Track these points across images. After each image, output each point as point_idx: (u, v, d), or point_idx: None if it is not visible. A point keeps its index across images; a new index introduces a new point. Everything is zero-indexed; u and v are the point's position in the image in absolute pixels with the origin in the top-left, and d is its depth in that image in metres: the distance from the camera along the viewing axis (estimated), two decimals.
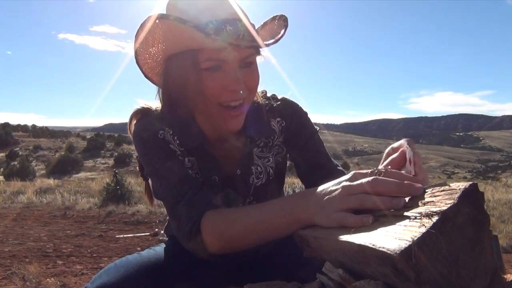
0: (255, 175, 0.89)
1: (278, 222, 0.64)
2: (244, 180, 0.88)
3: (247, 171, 0.88)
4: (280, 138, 0.92)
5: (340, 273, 0.53)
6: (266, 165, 0.91)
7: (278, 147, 0.93)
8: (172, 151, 0.83)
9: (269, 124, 0.90)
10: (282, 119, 0.90)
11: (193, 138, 0.84)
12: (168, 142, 0.84)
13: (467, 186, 0.45)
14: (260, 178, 0.90)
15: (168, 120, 0.85)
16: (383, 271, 0.45)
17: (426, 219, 0.43)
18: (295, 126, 0.91)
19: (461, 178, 58.63)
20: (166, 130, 0.85)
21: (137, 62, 0.80)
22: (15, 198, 7.48)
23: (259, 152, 0.90)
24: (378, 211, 0.55)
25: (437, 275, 0.41)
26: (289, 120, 0.91)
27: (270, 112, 0.91)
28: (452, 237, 0.42)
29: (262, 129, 0.89)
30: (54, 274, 2.89)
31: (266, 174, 0.91)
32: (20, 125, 50.64)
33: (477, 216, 0.44)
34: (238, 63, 0.74)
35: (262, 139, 0.90)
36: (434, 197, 0.48)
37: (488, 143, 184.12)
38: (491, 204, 8.55)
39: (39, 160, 26.98)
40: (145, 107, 0.88)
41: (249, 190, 0.89)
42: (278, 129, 0.91)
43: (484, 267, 0.43)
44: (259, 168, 0.90)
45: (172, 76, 0.79)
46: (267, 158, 0.91)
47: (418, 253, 0.40)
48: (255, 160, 0.90)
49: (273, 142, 0.91)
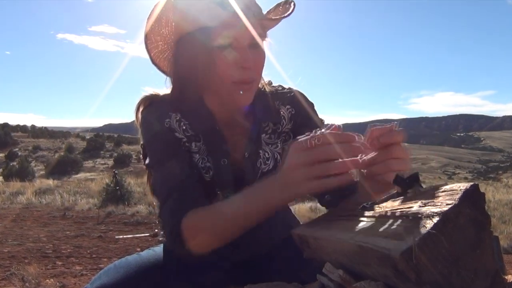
0: (262, 160, 0.90)
1: (256, 213, 0.66)
2: (252, 163, 0.89)
3: (255, 154, 0.89)
4: (288, 125, 0.93)
5: (341, 274, 0.53)
6: (274, 151, 0.92)
7: (286, 134, 0.94)
8: (178, 142, 0.83)
9: (276, 110, 0.92)
10: (292, 106, 0.92)
11: (204, 119, 0.86)
12: (174, 130, 0.84)
13: (468, 187, 0.45)
14: (267, 164, 0.90)
15: (176, 104, 0.86)
16: (383, 272, 0.45)
17: (427, 219, 0.43)
18: (304, 115, 0.92)
19: (462, 179, 58.67)
20: (173, 116, 0.86)
21: (146, 46, 0.81)
22: (14, 199, 7.47)
23: (267, 138, 0.91)
24: (377, 212, 0.55)
25: (437, 275, 0.41)
26: (297, 108, 0.92)
27: (279, 99, 0.92)
28: (453, 238, 0.42)
29: (269, 113, 0.90)
30: (54, 275, 2.88)
31: (274, 160, 0.91)
32: (19, 126, 50.58)
33: (478, 217, 0.44)
34: (250, 42, 0.76)
35: (270, 125, 0.91)
36: (435, 198, 0.48)
37: (489, 144, 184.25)
38: (492, 205, 8.54)
39: (38, 160, 26.96)
40: (153, 94, 0.90)
41: (256, 174, 0.89)
42: (287, 116, 0.92)
43: (485, 268, 0.43)
44: (266, 154, 0.91)
45: (183, 56, 0.80)
46: (276, 145, 0.92)
47: (419, 253, 0.40)
48: (263, 145, 0.91)
49: (282, 128, 0.92)
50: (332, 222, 0.64)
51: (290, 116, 0.92)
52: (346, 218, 0.62)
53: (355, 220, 0.58)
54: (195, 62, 0.77)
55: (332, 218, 0.66)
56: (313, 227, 0.65)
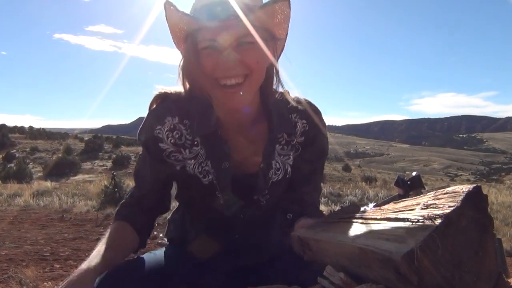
0: (274, 170, 0.91)
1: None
2: (264, 174, 0.90)
3: (268, 165, 0.90)
4: (300, 139, 0.94)
5: (342, 277, 0.53)
6: (285, 162, 0.93)
7: (298, 147, 0.94)
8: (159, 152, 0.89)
9: (291, 121, 0.92)
10: (307, 123, 0.93)
11: (209, 124, 0.88)
12: (161, 140, 0.88)
13: (470, 189, 0.45)
14: (277, 174, 0.92)
15: (184, 104, 0.89)
16: (385, 275, 0.45)
17: (429, 222, 0.43)
18: (312, 136, 0.94)
19: (465, 181, 58.63)
20: (168, 122, 0.88)
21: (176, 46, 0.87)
22: (11, 201, 7.43)
23: (280, 149, 0.92)
24: (374, 214, 0.54)
25: (440, 279, 0.41)
26: (310, 126, 0.93)
27: (297, 112, 0.93)
28: (455, 241, 0.42)
29: (284, 124, 0.91)
30: (52, 278, 2.86)
31: (284, 171, 0.92)
32: (17, 127, 50.35)
33: (481, 219, 0.43)
34: (232, 42, 0.77)
35: (284, 136, 0.92)
36: (437, 200, 0.48)
37: (492, 145, 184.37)
38: (495, 207, 8.51)
39: (36, 162, 26.84)
40: (163, 92, 0.92)
41: (267, 183, 0.90)
42: (300, 130, 0.93)
43: (488, 271, 0.43)
44: (277, 164, 0.92)
45: (183, 56, 0.86)
46: (288, 156, 0.93)
47: (421, 256, 0.40)
48: (276, 155, 0.91)
49: (295, 140, 0.93)
50: (333, 224, 0.64)
51: (303, 130, 0.93)
52: (347, 221, 0.61)
53: (356, 223, 0.58)
54: (189, 61, 0.82)
55: (333, 220, 0.66)
56: (313, 229, 0.65)
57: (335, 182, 18.87)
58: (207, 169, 0.88)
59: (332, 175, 23.25)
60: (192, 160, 0.88)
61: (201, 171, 0.88)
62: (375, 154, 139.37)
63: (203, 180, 0.88)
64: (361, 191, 10.80)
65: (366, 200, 9.03)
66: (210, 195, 0.89)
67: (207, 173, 0.88)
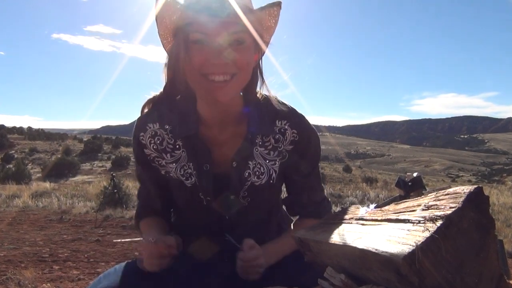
0: (252, 171, 0.90)
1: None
2: (238, 173, 0.89)
3: (244, 164, 0.89)
4: (288, 147, 0.92)
5: (342, 279, 0.52)
6: (270, 167, 0.91)
7: (285, 154, 0.93)
8: (146, 157, 0.93)
9: (272, 124, 0.91)
10: (298, 133, 0.91)
11: (190, 126, 0.88)
12: (144, 146, 0.92)
13: (471, 190, 0.45)
14: (260, 179, 0.90)
15: (166, 107, 0.90)
16: (386, 276, 0.45)
17: (430, 223, 0.43)
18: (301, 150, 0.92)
19: (466, 182, 58.66)
20: (149, 130, 0.91)
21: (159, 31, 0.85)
22: (10, 202, 7.41)
23: (266, 154, 0.91)
24: (373, 215, 0.54)
25: (441, 280, 0.41)
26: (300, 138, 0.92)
27: (287, 119, 0.91)
28: (457, 242, 0.42)
29: (262, 126, 0.90)
30: (50, 279, 2.85)
31: (268, 176, 0.91)
32: (16, 127, 50.29)
33: (482, 220, 0.43)
34: (224, 38, 0.77)
35: (271, 141, 0.91)
36: (438, 201, 0.47)
37: (493, 146, 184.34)
38: (496, 208, 8.50)
39: (35, 163, 26.79)
40: (152, 97, 0.94)
41: (243, 184, 0.89)
42: (289, 139, 0.92)
43: (489, 272, 0.43)
44: (261, 168, 0.90)
45: (171, 51, 0.85)
46: (274, 161, 0.92)
47: (422, 258, 0.40)
48: (258, 157, 0.90)
49: (283, 147, 0.92)
50: (333, 225, 0.64)
51: (292, 139, 0.91)
52: (348, 222, 0.61)
53: (357, 224, 0.57)
54: (178, 55, 0.81)
55: (334, 221, 0.66)
56: (314, 230, 0.65)
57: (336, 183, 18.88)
58: (190, 171, 0.89)
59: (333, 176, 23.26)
60: (173, 163, 0.90)
61: (184, 174, 0.90)
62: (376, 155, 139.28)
63: (186, 183, 0.90)
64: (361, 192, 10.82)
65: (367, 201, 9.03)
66: (194, 197, 0.90)
67: (189, 175, 0.89)
